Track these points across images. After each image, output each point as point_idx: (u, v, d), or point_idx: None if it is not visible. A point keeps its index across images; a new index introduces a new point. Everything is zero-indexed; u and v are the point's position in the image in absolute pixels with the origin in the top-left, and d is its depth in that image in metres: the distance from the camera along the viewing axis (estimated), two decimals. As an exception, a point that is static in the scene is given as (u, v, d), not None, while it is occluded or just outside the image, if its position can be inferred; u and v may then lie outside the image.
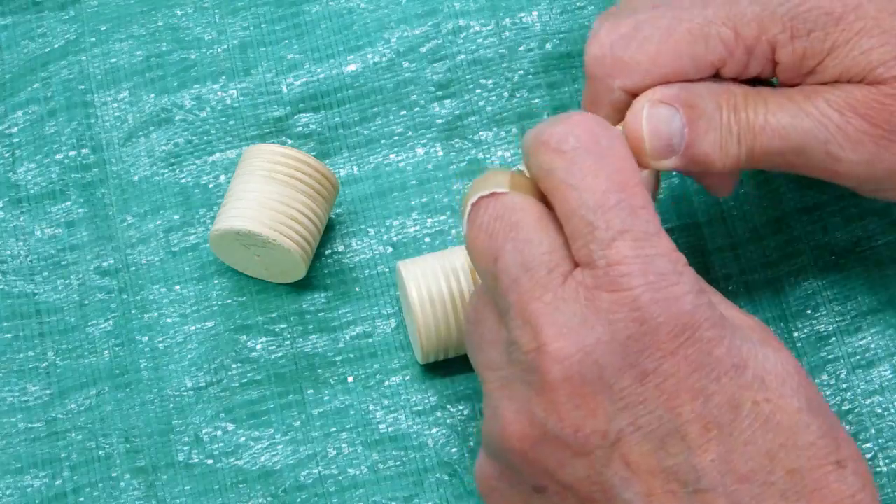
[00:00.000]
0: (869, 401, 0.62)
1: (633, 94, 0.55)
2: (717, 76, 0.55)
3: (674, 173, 0.66)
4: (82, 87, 0.69)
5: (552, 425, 0.49)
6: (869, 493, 0.49)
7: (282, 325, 0.64)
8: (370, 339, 0.64)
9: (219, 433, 0.63)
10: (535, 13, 0.69)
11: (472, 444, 0.62)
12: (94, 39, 0.70)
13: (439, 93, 0.68)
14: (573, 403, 0.49)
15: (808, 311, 0.63)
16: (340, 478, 0.62)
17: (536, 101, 0.68)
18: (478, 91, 0.68)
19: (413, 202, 0.66)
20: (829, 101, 0.53)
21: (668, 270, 0.48)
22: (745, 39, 0.53)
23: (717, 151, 0.54)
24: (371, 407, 0.63)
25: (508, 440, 0.50)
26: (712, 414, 0.48)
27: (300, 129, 0.68)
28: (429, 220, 0.66)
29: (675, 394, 0.48)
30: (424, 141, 0.67)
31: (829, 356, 0.62)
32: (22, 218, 0.67)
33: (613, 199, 0.49)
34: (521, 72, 0.68)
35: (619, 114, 0.55)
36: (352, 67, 0.69)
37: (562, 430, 0.49)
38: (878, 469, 0.60)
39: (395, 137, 0.68)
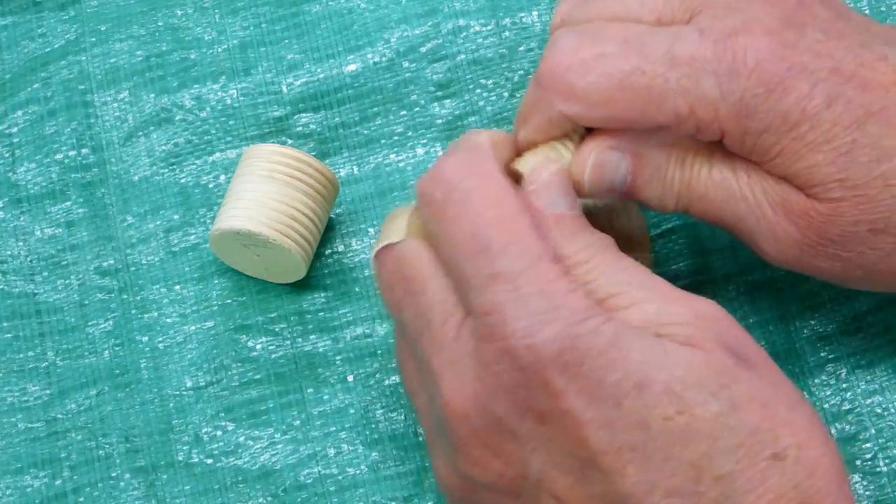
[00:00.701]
0: (869, 401, 0.62)
1: (570, 119, 0.54)
2: None
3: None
4: (82, 86, 0.69)
5: (477, 476, 0.50)
6: (823, 477, 0.47)
7: (282, 325, 0.64)
8: (370, 339, 0.64)
9: (219, 433, 0.63)
10: (535, 13, 0.69)
11: (472, 443, 0.62)
12: (94, 39, 0.70)
13: (439, 93, 0.68)
14: (488, 453, 0.50)
15: (808, 311, 0.63)
16: (340, 477, 0.62)
17: (536, 100, 0.68)
18: (478, 91, 0.68)
19: (413, 202, 0.66)
20: (767, 195, 0.53)
21: (542, 308, 0.48)
22: (698, 118, 0.52)
23: (654, 201, 0.54)
24: (371, 406, 0.63)
25: (449, 492, 0.53)
26: (621, 439, 0.47)
27: (300, 129, 0.68)
28: (429, 220, 0.66)
29: (578, 428, 0.48)
30: (425, 141, 0.68)
31: (830, 356, 0.62)
32: (22, 218, 0.67)
33: (476, 246, 0.49)
34: (522, 72, 0.68)
35: (551, 127, 0.55)
36: (352, 67, 0.69)
37: (487, 478, 0.50)
38: (878, 469, 0.60)
39: (396, 137, 0.68)
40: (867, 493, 0.60)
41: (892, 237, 0.52)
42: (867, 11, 0.68)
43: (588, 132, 0.55)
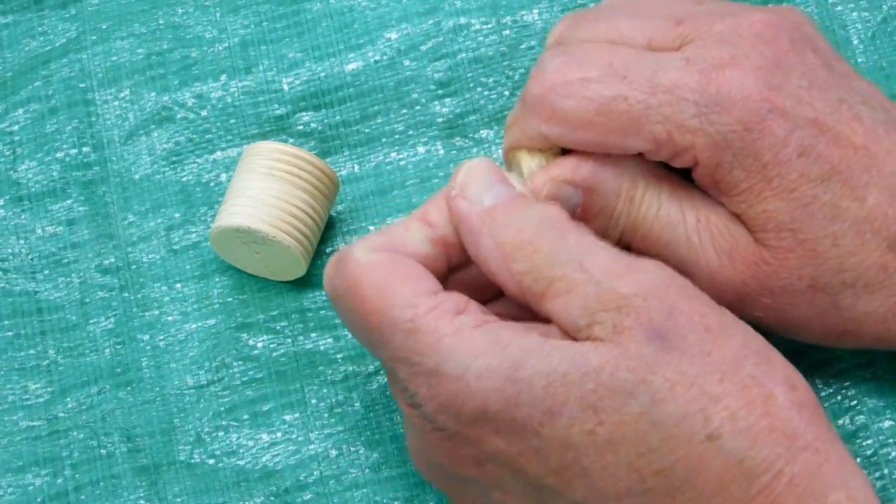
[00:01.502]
0: (869, 398, 0.62)
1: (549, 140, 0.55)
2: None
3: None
4: (83, 85, 0.69)
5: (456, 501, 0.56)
6: (768, 439, 0.47)
7: (283, 323, 0.64)
8: (371, 338, 0.64)
9: (220, 433, 0.63)
10: (535, 11, 0.69)
11: (473, 442, 0.62)
12: (95, 37, 0.70)
13: (440, 91, 0.68)
14: (454, 489, 0.54)
15: (809, 309, 0.63)
16: (342, 478, 0.62)
17: (537, 99, 0.68)
18: (479, 89, 0.68)
19: (414, 200, 0.66)
20: (715, 241, 0.54)
21: (432, 370, 0.49)
22: (675, 145, 0.53)
23: (599, 231, 0.54)
24: (372, 406, 0.63)
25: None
26: (554, 462, 0.48)
27: (301, 127, 0.68)
28: (430, 219, 0.66)
29: (511, 462, 0.49)
30: (425, 139, 0.68)
31: (831, 354, 0.62)
32: (23, 216, 0.67)
33: (372, 336, 0.51)
34: (522, 70, 0.68)
35: (531, 142, 0.56)
36: (353, 66, 0.69)
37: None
38: (879, 466, 0.60)
39: (396, 136, 0.68)
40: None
41: (829, 296, 0.54)
42: (866, 14, 0.68)
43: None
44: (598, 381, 0.47)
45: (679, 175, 0.56)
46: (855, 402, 0.62)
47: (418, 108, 0.68)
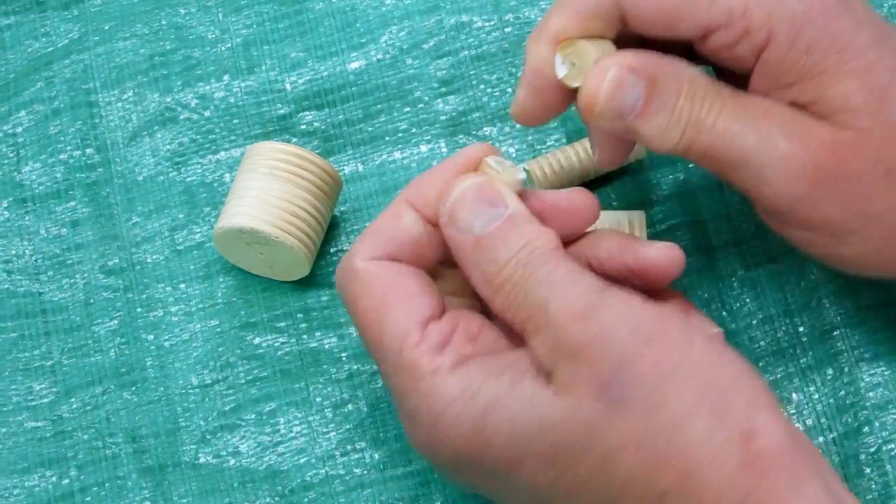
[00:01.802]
0: (872, 394, 0.62)
1: (623, 23, 0.54)
2: (697, 45, 0.54)
3: (678, 168, 0.66)
4: (86, 86, 0.69)
5: None
6: (718, 499, 0.47)
7: (287, 323, 0.65)
8: (375, 337, 0.64)
9: (225, 432, 0.63)
10: (537, 8, 0.69)
11: (477, 441, 0.62)
12: (97, 38, 0.70)
13: (443, 89, 0.68)
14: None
15: (812, 305, 0.63)
16: (347, 477, 0.62)
17: (540, 96, 0.68)
18: (482, 87, 0.68)
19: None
20: (784, 127, 0.52)
21: (423, 419, 0.51)
22: (750, 20, 0.52)
23: (658, 133, 0.53)
24: (377, 405, 0.63)
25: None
26: (527, 500, 0.51)
27: (304, 126, 0.68)
28: (433, 217, 0.66)
29: (493, 496, 0.53)
30: (429, 137, 0.68)
31: (833, 350, 0.62)
32: (27, 217, 0.67)
33: (369, 348, 0.53)
34: (525, 67, 0.68)
35: (590, 17, 0.54)
36: (355, 65, 0.69)
37: None
38: (882, 461, 0.61)
39: (400, 134, 0.68)
40: (871, 485, 0.60)
41: None
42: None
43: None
44: (553, 439, 0.48)
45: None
46: (858, 398, 0.62)
47: (421, 106, 0.68)
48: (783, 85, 0.53)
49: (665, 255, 0.53)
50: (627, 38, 0.55)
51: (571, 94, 0.54)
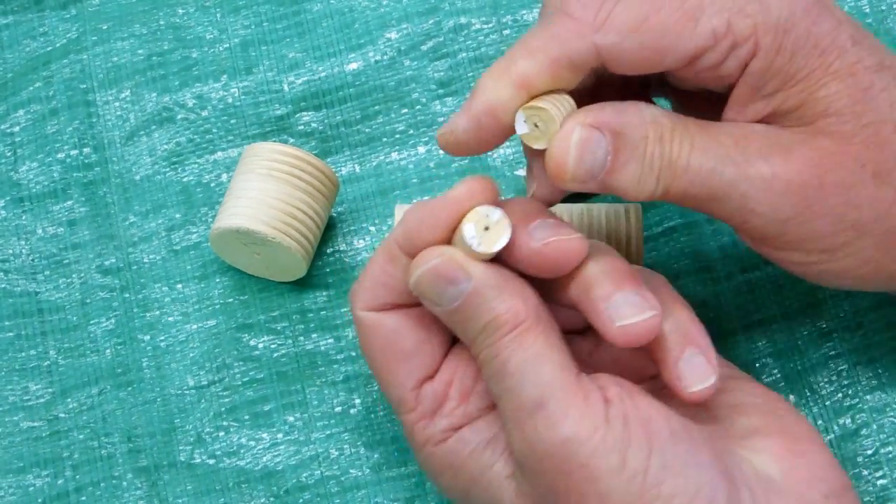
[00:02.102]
0: (870, 396, 0.62)
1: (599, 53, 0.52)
2: (687, 68, 0.53)
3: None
4: (84, 86, 0.69)
5: None
6: None
7: (284, 324, 0.65)
8: (372, 338, 0.64)
9: (221, 433, 0.63)
10: (535, 10, 0.69)
11: (473, 442, 0.62)
12: (95, 38, 0.70)
13: (441, 91, 0.68)
14: None
15: (810, 309, 0.63)
16: (342, 478, 0.62)
17: (538, 98, 0.68)
18: (479, 89, 0.68)
19: (414, 201, 0.66)
20: (761, 150, 0.51)
21: (431, 474, 0.54)
22: (735, 35, 0.51)
23: (633, 184, 0.51)
24: (373, 407, 0.63)
25: None
26: None
27: (302, 127, 0.68)
28: (430, 219, 0.66)
29: None
30: (426, 139, 0.67)
31: (831, 353, 0.62)
32: (24, 217, 0.67)
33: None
34: (523, 69, 0.68)
35: (563, 69, 0.52)
36: (353, 66, 0.69)
37: None
38: (880, 464, 0.60)
39: (397, 136, 0.68)
40: (869, 487, 0.60)
41: (893, 189, 0.51)
42: (867, 10, 0.68)
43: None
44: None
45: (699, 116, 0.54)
46: (856, 400, 0.62)
47: (419, 107, 0.68)
48: (767, 94, 0.52)
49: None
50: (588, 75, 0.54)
51: (509, 132, 0.52)
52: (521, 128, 0.51)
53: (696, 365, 0.51)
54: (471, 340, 0.51)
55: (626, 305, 0.49)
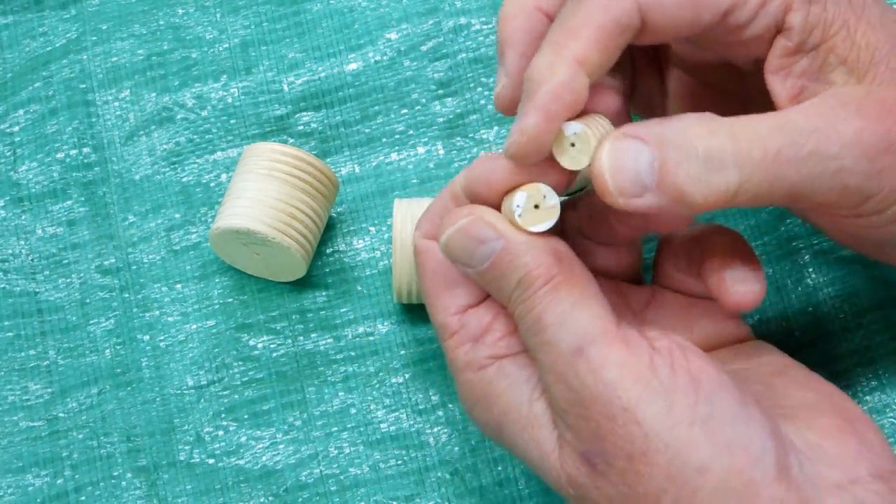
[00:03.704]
0: (869, 397, 0.62)
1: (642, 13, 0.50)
2: (721, 23, 0.51)
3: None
4: (83, 85, 0.69)
5: None
6: None
7: (283, 324, 0.65)
8: (371, 338, 0.64)
9: (220, 432, 0.63)
10: (536, 11, 0.69)
11: (473, 442, 0.62)
12: (95, 38, 0.70)
13: (440, 91, 0.68)
14: None
15: (810, 309, 0.63)
16: (342, 477, 0.62)
17: (537, 99, 0.68)
18: (479, 89, 0.68)
19: (415, 198, 0.66)
20: (829, 113, 0.49)
21: (462, 404, 0.54)
22: None
23: (695, 185, 0.48)
24: (372, 406, 0.63)
25: None
26: None
27: (301, 127, 0.68)
28: (430, 219, 0.66)
29: None
30: (426, 139, 0.68)
31: (831, 353, 0.62)
32: (23, 217, 0.67)
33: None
34: (523, 70, 0.68)
35: (609, 37, 0.49)
36: (353, 66, 0.69)
37: None
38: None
39: (397, 136, 0.68)
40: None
41: None
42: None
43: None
44: (549, 479, 0.50)
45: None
46: (856, 401, 0.61)
47: (419, 108, 0.68)
48: (812, 47, 0.50)
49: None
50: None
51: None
52: (559, 152, 0.49)
53: (742, 273, 0.51)
54: (506, 299, 0.50)
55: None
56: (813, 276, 0.64)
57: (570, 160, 0.49)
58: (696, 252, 0.54)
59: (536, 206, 0.49)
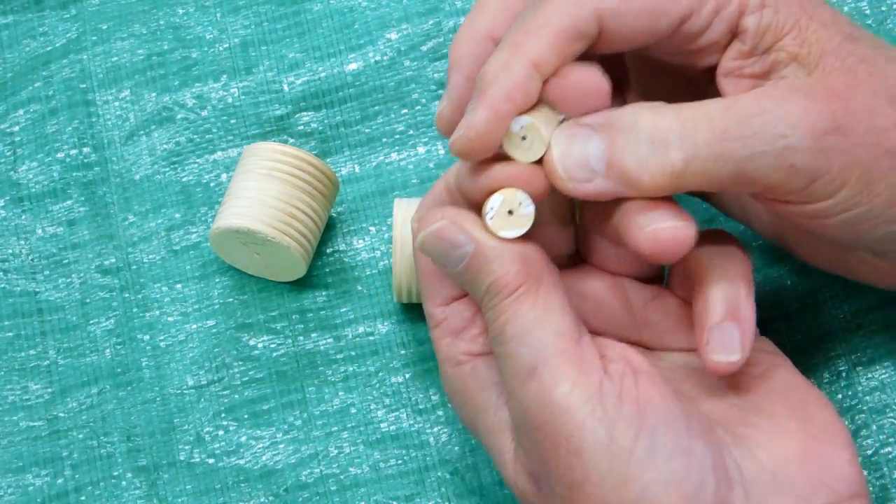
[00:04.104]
0: (870, 397, 0.62)
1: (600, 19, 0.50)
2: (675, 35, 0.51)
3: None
4: (84, 85, 0.69)
5: None
6: None
7: (283, 324, 0.64)
8: (372, 337, 0.64)
9: (220, 432, 0.63)
10: (536, 11, 0.69)
11: (473, 442, 0.62)
12: (95, 38, 0.70)
13: (441, 91, 0.68)
14: None
15: (810, 309, 0.63)
16: (342, 477, 0.62)
17: (538, 99, 0.68)
18: (479, 89, 0.68)
19: (415, 197, 0.66)
20: (784, 95, 0.49)
21: (447, 391, 0.54)
22: None
23: (642, 167, 0.48)
24: (372, 406, 0.63)
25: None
26: None
27: (301, 127, 0.68)
28: (430, 219, 0.66)
29: None
30: (426, 139, 0.67)
31: (831, 353, 0.62)
32: (23, 216, 0.67)
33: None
34: (523, 70, 0.68)
35: (564, 42, 0.49)
36: (353, 66, 0.69)
37: None
38: (880, 465, 0.60)
39: (397, 136, 0.68)
40: (869, 488, 0.60)
41: None
42: (867, 11, 0.68)
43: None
44: (508, 487, 0.52)
45: None
46: (855, 401, 0.62)
47: (419, 108, 0.68)
48: (764, 49, 0.50)
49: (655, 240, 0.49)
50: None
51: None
52: (510, 147, 0.49)
53: (728, 337, 0.50)
54: (479, 301, 0.51)
55: (659, 216, 0.48)
56: (813, 276, 0.64)
57: (523, 153, 0.49)
58: (690, 282, 0.53)
59: (511, 212, 0.49)
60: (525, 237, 0.50)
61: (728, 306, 0.50)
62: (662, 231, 0.48)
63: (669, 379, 0.51)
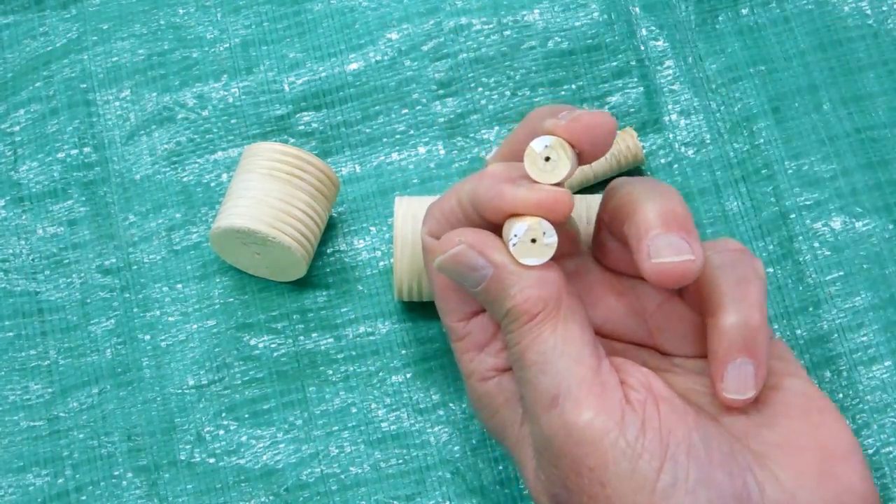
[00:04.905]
0: (870, 397, 0.62)
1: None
2: None
3: (675, 172, 0.66)
4: (84, 85, 0.69)
5: None
6: None
7: (283, 324, 0.64)
8: (372, 337, 0.64)
9: (221, 432, 0.63)
10: (536, 11, 0.69)
11: (473, 441, 0.62)
12: (95, 38, 0.70)
13: (441, 91, 0.68)
14: None
15: (810, 309, 0.63)
16: (342, 476, 0.62)
17: (538, 99, 0.68)
18: (479, 89, 0.68)
19: (415, 196, 0.66)
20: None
21: (470, 401, 0.55)
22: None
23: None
24: (373, 405, 0.63)
25: None
26: None
27: (302, 127, 0.68)
28: (430, 219, 0.66)
29: None
30: (426, 139, 0.68)
31: (832, 353, 0.62)
32: (24, 216, 0.67)
33: None
34: (523, 70, 0.68)
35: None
36: (354, 66, 0.69)
37: None
38: (881, 464, 0.60)
39: (397, 136, 0.68)
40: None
41: None
42: (868, 12, 0.68)
43: None
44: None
45: None
46: (856, 400, 0.62)
47: (419, 108, 0.68)
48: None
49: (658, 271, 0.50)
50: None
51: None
52: (534, 171, 0.50)
53: (742, 374, 0.51)
54: (498, 321, 0.51)
55: (666, 246, 0.49)
56: (813, 276, 0.64)
57: (546, 175, 0.50)
58: (704, 301, 0.53)
59: (534, 241, 0.50)
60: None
61: (744, 341, 0.51)
62: (668, 265, 0.49)
63: (687, 391, 0.52)
